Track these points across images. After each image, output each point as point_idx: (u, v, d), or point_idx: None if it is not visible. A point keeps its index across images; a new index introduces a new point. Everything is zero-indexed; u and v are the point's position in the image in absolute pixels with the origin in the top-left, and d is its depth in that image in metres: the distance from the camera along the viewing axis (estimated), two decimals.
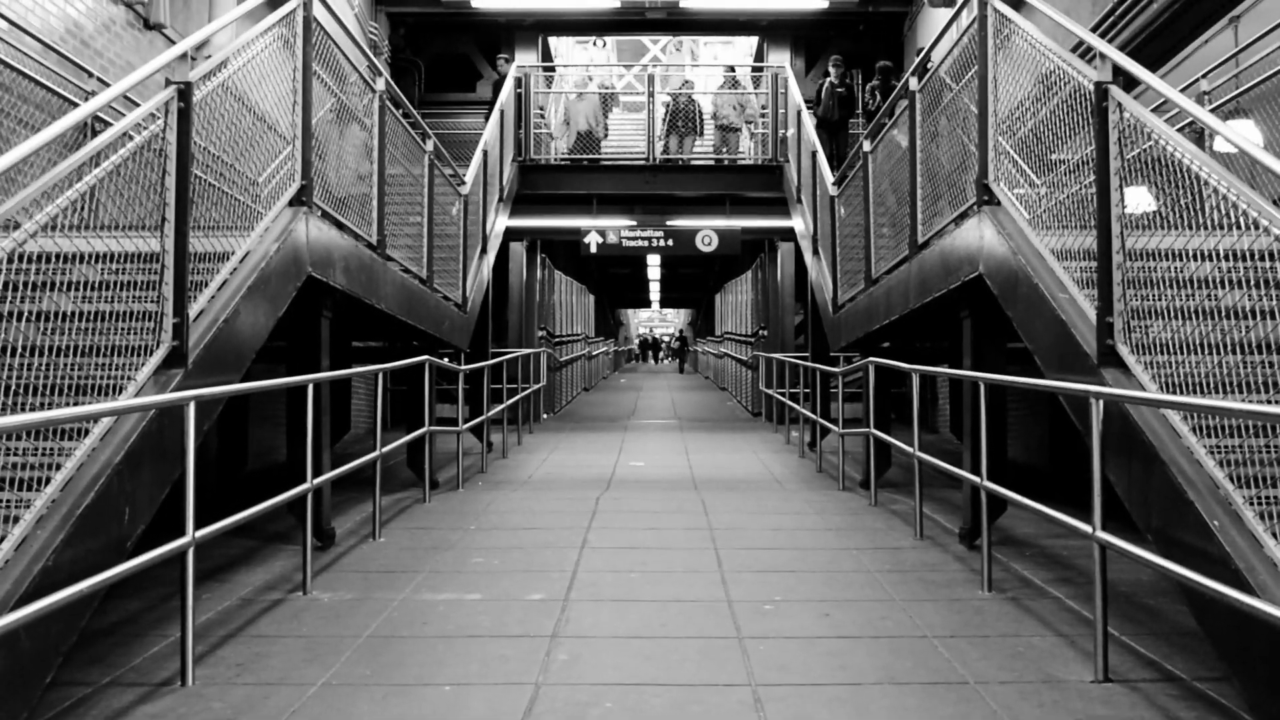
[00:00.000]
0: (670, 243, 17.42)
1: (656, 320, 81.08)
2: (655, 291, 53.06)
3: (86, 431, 4.48)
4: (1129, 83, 5.36)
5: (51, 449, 4.39)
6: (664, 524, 8.65)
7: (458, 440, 11.35)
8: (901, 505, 9.40)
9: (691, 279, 44.07)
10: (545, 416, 20.10)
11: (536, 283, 21.41)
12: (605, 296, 47.12)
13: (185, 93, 5.21)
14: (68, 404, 4.55)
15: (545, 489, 10.79)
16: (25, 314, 4.40)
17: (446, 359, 11.89)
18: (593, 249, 17.38)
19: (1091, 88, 5.40)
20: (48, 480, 4.22)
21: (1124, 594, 6.15)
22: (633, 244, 17.37)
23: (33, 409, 4.34)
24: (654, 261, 38.26)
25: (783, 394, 16.06)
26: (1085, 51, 6.69)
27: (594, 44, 21.38)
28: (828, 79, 16.28)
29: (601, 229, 17.26)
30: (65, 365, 4.60)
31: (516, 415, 15.80)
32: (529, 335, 20.37)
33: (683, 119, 17.40)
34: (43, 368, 4.49)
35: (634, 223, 17.54)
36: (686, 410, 23.47)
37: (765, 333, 21.64)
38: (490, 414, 12.69)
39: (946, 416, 16.05)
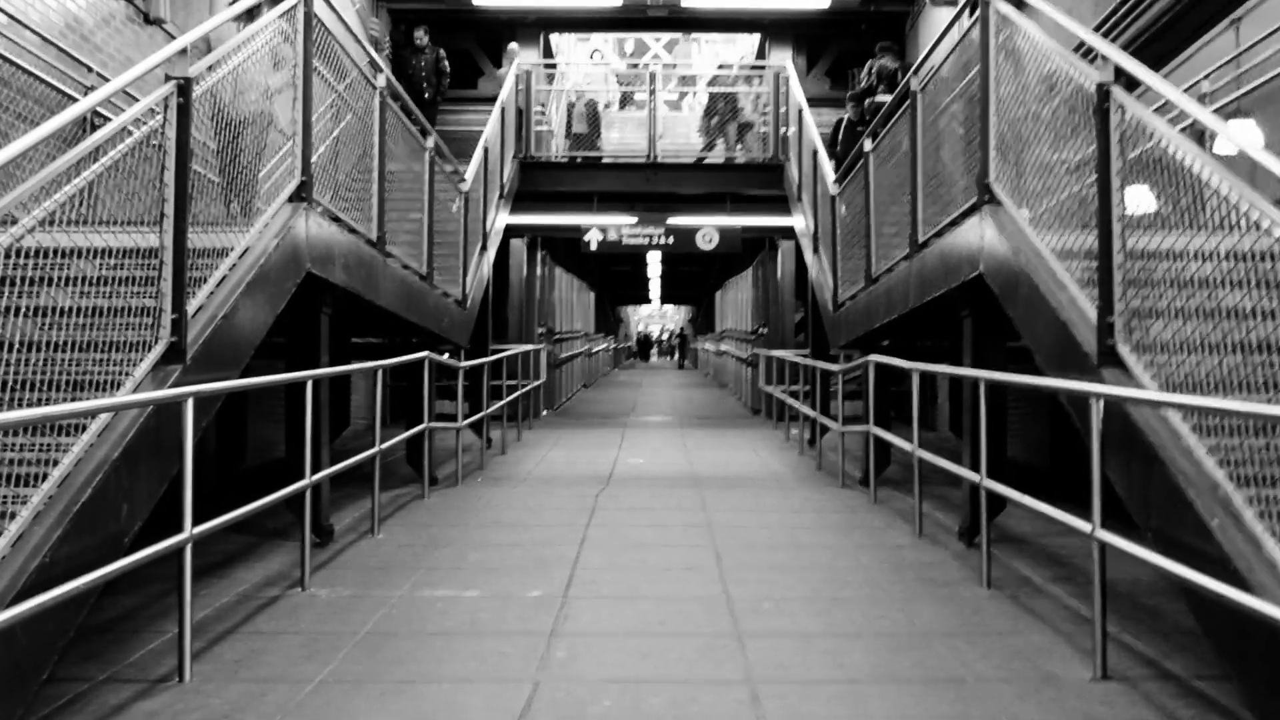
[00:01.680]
0: (671, 240, 17.39)
1: (657, 317, 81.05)
2: (656, 289, 52.98)
3: (84, 427, 4.47)
4: (1130, 83, 5.34)
5: (49, 445, 4.39)
6: (663, 521, 8.65)
7: (457, 436, 11.34)
8: (901, 503, 9.40)
9: (692, 276, 44.00)
10: (545, 413, 20.09)
11: (537, 279, 21.39)
12: (606, 293, 47.05)
13: (185, 88, 5.20)
14: (65, 400, 4.55)
15: (545, 485, 10.79)
16: (23, 309, 4.40)
17: (446, 355, 11.87)
18: (593, 246, 17.35)
19: (1093, 88, 5.39)
20: (45, 476, 4.21)
21: (1123, 592, 6.14)
22: (633, 241, 17.34)
23: (30, 404, 4.33)
24: (654, 259, 38.18)
25: (783, 391, 16.04)
26: (1087, 52, 6.67)
27: (591, 58, 21.36)
28: (844, 118, 14.88)
29: (602, 226, 17.23)
30: (63, 360, 4.59)
31: (516, 411, 15.78)
32: (529, 332, 20.35)
33: (727, 105, 17.03)
34: (40, 363, 4.48)
35: (634, 220, 17.51)
36: (686, 407, 23.47)
37: (765, 330, 21.62)
38: (490, 410, 12.69)
39: (947, 415, 16.05)
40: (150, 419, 4.77)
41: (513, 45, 17.05)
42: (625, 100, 20.11)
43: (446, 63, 16.38)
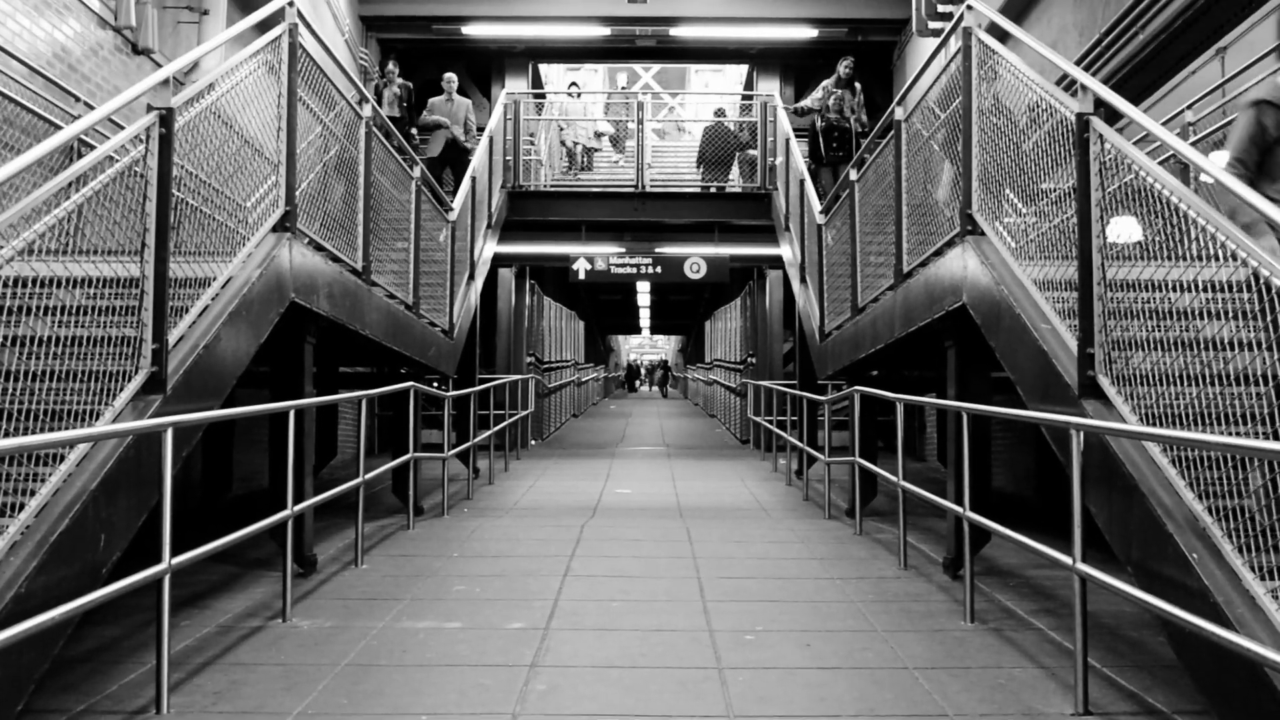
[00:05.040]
0: (659, 270, 17.42)
1: (647, 347, 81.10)
2: (645, 318, 53.12)
3: (62, 457, 4.45)
4: (1112, 115, 5.38)
5: (27, 474, 4.36)
6: (648, 552, 8.62)
7: (443, 466, 11.30)
8: (887, 534, 9.38)
9: (681, 306, 44.17)
10: (533, 443, 20.05)
11: (525, 309, 21.41)
12: (595, 323, 47.15)
13: (167, 118, 5.21)
14: (44, 429, 4.52)
15: (530, 516, 10.75)
16: (2, 339, 4.38)
17: (434, 384, 11.85)
18: (581, 275, 17.38)
19: (1073, 118, 5.43)
20: (22, 506, 4.18)
21: (1106, 625, 6.13)
22: (621, 271, 17.37)
23: (8, 434, 4.31)
24: (644, 288, 38.32)
25: (770, 421, 16.04)
26: (1070, 84, 6.72)
27: (569, 89, 21.46)
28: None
29: (590, 255, 17.27)
30: (42, 390, 4.57)
31: (504, 441, 15.76)
32: (517, 361, 20.35)
33: (713, 149, 17.40)
34: (19, 393, 4.46)
35: (622, 249, 17.54)
36: (675, 437, 23.43)
37: (754, 360, 21.65)
38: (477, 440, 12.65)
39: (934, 444, 16.05)
40: (129, 449, 4.75)
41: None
42: (615, 139, 20.23)
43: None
